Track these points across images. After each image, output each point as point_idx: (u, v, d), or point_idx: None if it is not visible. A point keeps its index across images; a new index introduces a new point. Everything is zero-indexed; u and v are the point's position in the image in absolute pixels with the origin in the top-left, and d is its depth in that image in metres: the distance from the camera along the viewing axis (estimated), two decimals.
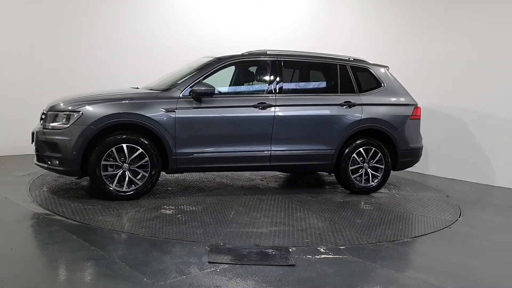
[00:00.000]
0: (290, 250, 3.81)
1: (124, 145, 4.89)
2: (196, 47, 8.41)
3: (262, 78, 5.86)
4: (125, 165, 4.92)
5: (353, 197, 5.75)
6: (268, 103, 5.45)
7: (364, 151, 5.83)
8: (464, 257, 4.02)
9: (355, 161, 5.82)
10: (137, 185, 4.98)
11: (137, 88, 5.74)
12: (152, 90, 5.40)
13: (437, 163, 7.70)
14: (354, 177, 5.83)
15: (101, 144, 4.83)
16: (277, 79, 5.64)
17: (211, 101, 5.24)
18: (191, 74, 5.39)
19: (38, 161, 5.10)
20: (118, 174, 4.91)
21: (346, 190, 5.97)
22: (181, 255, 3.59)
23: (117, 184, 4.92)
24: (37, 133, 5.04)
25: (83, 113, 4.85)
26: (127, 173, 4.93)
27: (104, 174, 4.86)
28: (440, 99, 7.65)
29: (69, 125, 4.83)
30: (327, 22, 9.31)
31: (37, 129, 5.11)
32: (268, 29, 9.63)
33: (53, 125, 4.94)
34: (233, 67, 5.91)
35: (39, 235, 3.99)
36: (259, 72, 5.99)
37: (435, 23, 7.76)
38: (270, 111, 5.45)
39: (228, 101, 5.44)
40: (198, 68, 5.47)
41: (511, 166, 7.01)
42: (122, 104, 5.01)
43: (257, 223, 4.51)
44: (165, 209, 4.78)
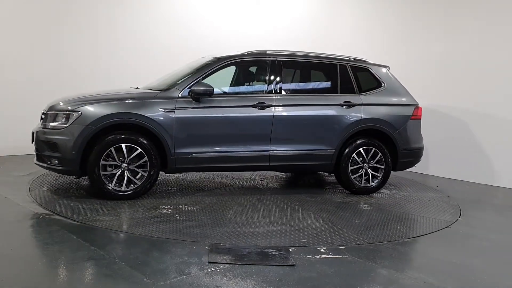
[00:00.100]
0: (290, 250, 3.81)
1: (123, 145, 4.89)
2: (196, 47, 8.42)
3: (262, 78, 5.85)
4: (124, 165, 4.92)
5: (352, 198, 5.74)
6: (267, 103, 5.45)
7: (364, 151, 5.81)
8: (464, 257, 4.02)
9: (355, 161, 5.81)
10: (135, 185, 4.99)
11: (137, 88, 5.74)
12: (151, 90, 5.41)
13: (437, 163, 7.70)
14: (354, 177, 5.82)
15: (100, 144, 4.84)
16: (277, 79, 5.63)
17: (210, 101, 5.24)
18: (190, 74, 5.40)
19: (38, 161, 5.12)
20: (117, 174, 4.92)
21: (346, 190, 5.96)
22: (181, 255, 3.58)
23: (116, 183, 4.92)
24: (37, 133, 5.06)
25: (82, 113, 4.85)
26: (126, 172, 4.94)
27: (103, 173, 4.87)
28: (440, 99, 7.65)
29: (68, 125, 4.84)
30: (327, 22, 9.31)
31: (37, 128, 5.12)
32: (268, 29, 9.63)
33: (52, 124, 4.95)
34: (232, 67, 5.91)
35: (39, 235, 3.99)
36: (258, 72, 5.98)
37: (435, 23, 7.76)
38: (269, 111, 5.44)
39: (227, 101, 5.44)
40: (197, 68, 5.47)
41: (511, 166, 7.01)
42: (121, 104, 5.01)
43: (254, 223, 4.50)
44: (163, 208, 4.78)
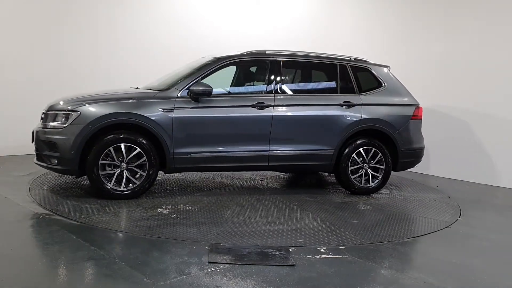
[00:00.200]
0: (290, 250, 3.81)
1: (122, 144, 4.90)
2: (196, 47, 8.42)
3: (261, 78, 5.84)
4: (123, 165, 4.93)
5: (352, 198, 5.73)
6: (267, 103, 5.44)
7: (364, 151, 5.80)
8: (464, 257, 4.02)
9: (355, 162, 5.80)
10: (134, 185, 4.99)
11: (137, 88, 5.74)
12: (151, 90, 5.41)
13: (437, 163, 7.70)
14: (354, 177, 5.81)
15: (99, 144, 4.85)
16: (276, 79, 5.63)
17: (209, 101, 5.24)
18: (190, 74, 5.40)
19: (37, 160, 5.14)
20: (116, 174, 4.92)
21: (346, 190, 5.96)
22: (181, 255, 3.58)
23: (115, 183, 4.93)
24: (37, 133, 5.07)
25: (81, 112, 4.86)
26: (125, 172, 4.95)
27: (102, 173, 4.87)
28: (440, 99, 7.65)
29: (67, 125, 4.85)
30: (327, 22, 9.31)
31: (37, 128, 5.13)
32: (268, 29, 9.63)
33: (52, 124, 4.96)
34: (232, 67, 5.90)
35: (39, 235, 3.99)
36: (258, 72, 5.98)
37: (435, 23, 7.76)
38: (268, 111, 5.43)
39: (226, 101, 5.44)
40: (196, 68, 5.47)
41: (511, 166, 7.01)
42: (120, 104, 5.02)
43: (251, 223, 4.50)
44: (162, 208, 4.78)
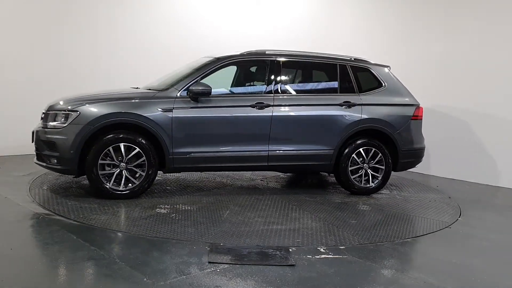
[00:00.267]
0: (290, 250, 3.81)
1: (121, 144, 4.90)
2: (196, 47, 8.42)
3: (261, 78, 5.84)
4: (122, 164, 4.93)
5: (352, 198, 5.73)
6: (266, 103, 5.44)
7: (364, 151, 5.79)
8: (464, 257, 4.02)
9: (354, 162, 5.79)
10: (133, 184, 5.00)
11: (137, 88, 5.74)
12: (150, 90, 5.41)
13: (437, 163, 7.70)
14: (353, 177, 5.81)
15: (98, 143, 4.85)
16: (276, 79, 5.63)
17: (208, 100, 5.24)
18: (189, 74, 5.40)
19: (37, 160, 5.15)
20: (115, 173, 4.93)
21: (346, 191, 5.95)
22: (181, 255, 3.58)
23: (114, 183, 4.93)
24: (37, 132, 5.08)
25: (80, 112, 4.86)
26: (124, 172, 4.95)
27: (101, 173, 4.88)
28: (440, 99, 7.65)
29: (67, 124, 4.86)
30: (327, 22, 9.31)
31: (37, 128, 5.14)
32: (268, 29, 9.63)
33: (52, 124, 4.97)
34: (231, 67, 5.90)
35: (39, 235, 3.99)
36: (257, 72, 5.98)
37: (435, 23, 7.76)
38: (268, 111, 5.43)
39: (226, 100, 5.44)
40: (196, 68, 5.47)
41: (511, 166, 7.01)
42: (119, 103, 5.02)
43: (250, 222, 4.50)
44: (160, 208, 4.78)
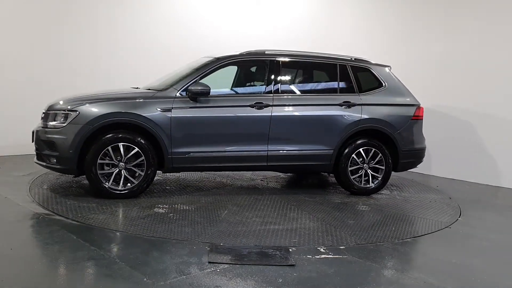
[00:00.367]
0: (290, 250, 3.81)
1: (120, 144, 4.91)
2: (196, 47, 8.42)
3: (260, 78, 5.84)
4: (121, 164, 4.94)
5: (352, 198, 5.72)
6: (265, 103, 5.44)
7: (364, 151, 5.78)
8: (464, 257, 4.02)
9: (354, 162, 5.78)
10: (132, 184, 5.00)
11: (137, 88, 5.75)
12: (150, 90, 5.41)
13: (437, 163, 7.70)
14: (353, 178, 5.80)
15: (97, 143, 4.86)
16: (275, 79, 5.62)
17: (207, 100, 5.24)
18: (188, 74, 5.40)
19: (37, 160, 5.17)
20: (114, 173, 4.93)
21: (346, 191, 5.95)
22: (181, 255, 3.58)
23: (113, 182, 4.94)
24: (37, 132, 5.09)
25: (80, 112, 4.87)
26: (123, 172, 4.95)
27: (100, 172, 4.89)
28: (440, 99, 7.65)
29: (66, 124, 4.87)
30: (327, 22, 9.31)
31: (37, 128, 5.15)
32: (268, 29, 9.63)
33: (52, 124, 4.98)
34: (231, 67, 5.90)
35: (39, 235, 3.99)
36: (257, 72, 5.97)
37: (435, 23, 7.76)
38: (267, 111, 5.42)
39: (225, 100, 5.44)
40: (195, 68, 5.47)
41: (511, 166, 7.01)
42: (118, 103, 5.03)
43: (247, 222, 4.49)
44: (159, 208, 4.79)
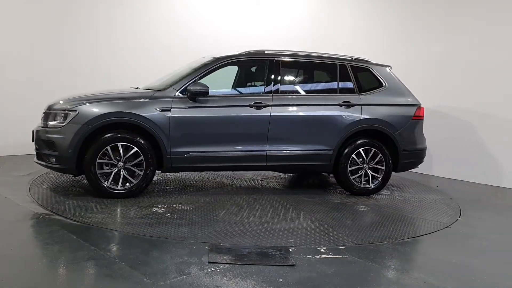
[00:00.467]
0: (290, 250, 3.81)
1: (119, 143, 4.92)
2: (196, 47, 8.42)
3: (260, 77, 5.83)
4: (120, 164, 4.94)
5: (351, 199, 5.71)
6: (264, 102, 5.43)
7: (364, 151, 5.77)
8: (464, 257, 4.01)
9: (354, 162, 5.77)
10: (131, 184, 5.01)
11: (137, 88, 5.75)
12: (149, 89, 5.41)
13: (437, 163, 7.70)
14: (353, 178, 5.79)
15: (96, 143, 4.87)
16: (275, 79, 5.62)
17: (206, 100, 5.25)
18: (187, 74, 5.40)
19: (37, 159, 5.18)
20: (113, 173, 4.94)
21: (346, 191, 5.94)
22: (181, 255, 3.58)
23: (112, 182, 4.95)
24: (37, 132, 5.11)
25: (79, 112, 4.89)
26: (122, 171, 4.96)
27: (99, 172, 4.90)
28: (440, 99, 7.65)
29: (65, 124, 4.89)
30: (327, 22, 9.31)
31: (37, 128, 5.16)
32: (268, 29, 9.63)
33: (51, 123, 5.00)
34: (230, 67, 5.89)
35: (39, 235, 3.99)
36: (256, 71, 5.97)
37: (435, 23, 7.76)
38: (266, 111, 5.42)
39: (224, 100, 5.43)
40: (195, 68, 5.47)
41: (511, 166, 7.01)
42: (118, 103, 5.04)
43: (245, 222, 4.49)
44: (157, 207, 4.79)
